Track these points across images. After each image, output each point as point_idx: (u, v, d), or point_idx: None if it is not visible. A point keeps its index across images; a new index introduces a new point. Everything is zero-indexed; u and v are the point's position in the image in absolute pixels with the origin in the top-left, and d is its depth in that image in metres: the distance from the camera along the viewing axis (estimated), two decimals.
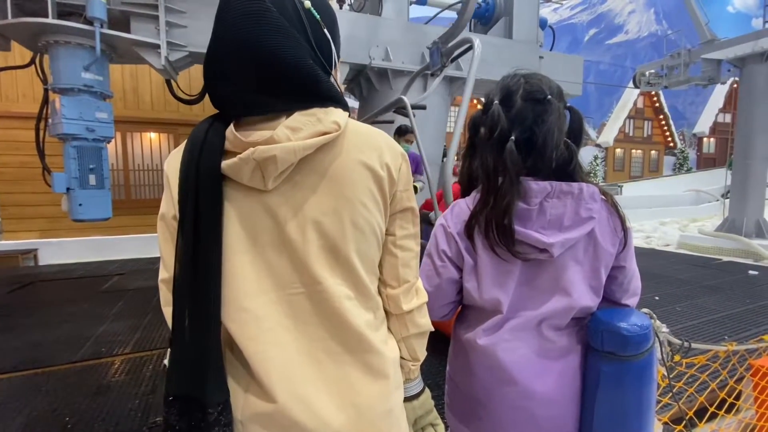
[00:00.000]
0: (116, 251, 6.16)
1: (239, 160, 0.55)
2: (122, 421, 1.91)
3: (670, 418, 1.28)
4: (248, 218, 0.58)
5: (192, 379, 0.56)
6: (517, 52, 4.04)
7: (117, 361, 2.56)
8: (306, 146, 0.56)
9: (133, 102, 6.83)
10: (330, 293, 0.60)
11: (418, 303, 0.70)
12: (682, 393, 1.29)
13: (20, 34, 2.64)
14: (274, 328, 0.59)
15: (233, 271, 0.58)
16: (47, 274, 5.06)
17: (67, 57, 2.69)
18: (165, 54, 2.86)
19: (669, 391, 0.99)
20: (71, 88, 2.72)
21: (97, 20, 2.56)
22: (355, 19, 3.38)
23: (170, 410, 0.57)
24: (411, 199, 0.68)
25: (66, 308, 3.66)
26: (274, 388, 0.57)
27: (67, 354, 2.64)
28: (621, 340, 0.74)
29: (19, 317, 3.44)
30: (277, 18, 0.56)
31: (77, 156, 2.90)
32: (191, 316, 0.56)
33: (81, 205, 3.02)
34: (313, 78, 0.58)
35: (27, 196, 6.23)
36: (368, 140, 0.63)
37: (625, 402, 0.76)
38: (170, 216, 0.60)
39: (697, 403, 1.41)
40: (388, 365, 0.65)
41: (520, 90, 0.82)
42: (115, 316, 3.40)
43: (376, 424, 0.62)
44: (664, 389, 0.99)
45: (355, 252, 0.61)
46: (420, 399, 0.76)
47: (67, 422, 1.90)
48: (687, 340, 0.91)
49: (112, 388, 2.22)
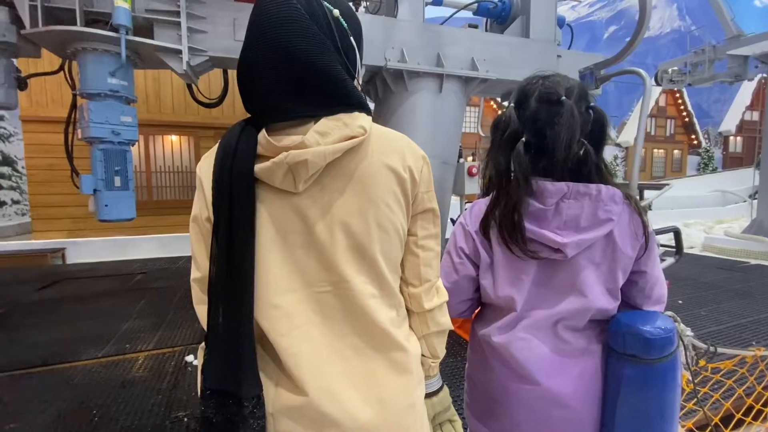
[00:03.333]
0: (139, 251, 6.34)
1: (272, 164, 0.57)
2: (146, 415, 1.97)
3: (695, 425, 1.25)
4: (279, 219, 0.61)
5: (228, 374, 0.58)
6: (534, 51, 3.99)
7: (140, 357, 2.64)
8: (335, 150, 0.58)
9: (156, 106, 7.03)
10: (356, 291, 0.61)
11: (439, 302, 0.71)
12: (708, 399, 1.25)
13: (50, 42, 2.74)
14: (304, 324, 0.61)
15: (265, 270, 0.60)
16: (74, 273, 5.25)
17: (94, 63, 2.79)
18: (186, 59, 2.93)
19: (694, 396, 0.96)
20: (98, 93, 2.82)
21: (122, 27, 2.64)
22: (370, 21, 3.40)
23: (207, 404, 0.59)
24: (432, 200, 0.69)
25: (92, 305, 3.79)
26: (304, 382, 0.59)
27: (94, 350, 2.74)
28: (644, 342, 0.73)
29: (49, 314, 3.58)
30: (311, 25, 0.58)
31: (103, 158, 3.00)
32: (225, 314, 0.58)
33: (107, 206, 3.12)
34: (342, 84, 0.60)
35: (55, 197, 6.48)
36: (391, 144, 0.65)
37: (647, 406, 0.75)
38: (203, 218, 0.63)
39: (722, 410, 1.37)
40: (411, 361, 0.66)
41: (536, 92, 0.82)
42: (138, 314, 3.51)
43: (400, 418, 0.64)
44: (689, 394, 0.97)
45: (380, 252, 0.63)
46: (439, 396, 0.77)
47: (94, 415, 1.97)
48: (713, 345, 0.89)
49: (136, 383, 2.29)
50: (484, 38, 3.85)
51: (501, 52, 3.81)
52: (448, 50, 3.61)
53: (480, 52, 3.71)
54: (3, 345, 2.85)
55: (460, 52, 3.64)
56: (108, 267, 5.57)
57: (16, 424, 1.90)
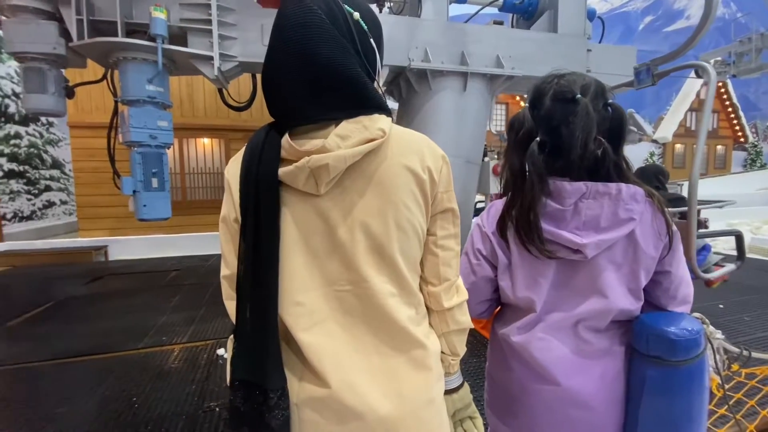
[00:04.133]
0: (174, 248, 6.65)
1: (295, 168, 0.59)
2: (181, 404, 2.08)
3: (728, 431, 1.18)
4: (302, 220, 0.63)
5: (254, 366, 0.62)
6: (562, 46, 3.88)
7: (176, 349, 2.79)
8: (355, 153, 0.60)
9: (189, 110, 7.34)
10: (375, 290, 0.63)
11: (459, 300, 0.72)
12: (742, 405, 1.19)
13: (94, 53, 2.93)
14: (326, 320, 0.64)
15: (289, 269, 0.63)
16: (115, 269, 5.57)
17: (133, 71, 2.96)
18: (217, 65, 3.05)
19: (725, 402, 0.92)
20: (137, 100, 2.99)
21: (159, 37, 2.79)
22: (394, 22, 3.42)
23: (236, 394, 0.63)
24: (452, 200, 0.70)
25: (132, 300, 4.02)
26: (326, 375, 0.61)
27: (133, 341, 2.91)
28: (668, 344, 0.71)
29: (93, 307, 3.83)
30: (331, 29, 0.60)
31: (142, 161, 3.17)
32: (252, 310, 0.62)
33: (145, 206, 3.30)
34: (363, 86, 0.62)
35: (99, 198, 6.89)
36: (411, 145, 0.66)
37: (672, 410, 0.73)
38: (231, 218, 0.66)
39: (758, 418, 1.29)
40: (430, 358, 0.68)
41: (551, 91, 0.82)
42: (173, 309, 3.69)
43: (419, 412, 0.65)
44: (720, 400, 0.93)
45: (399, 251, 0.64)
46: (460, 393, 0.78)
47: (134, 402, 2.10)
48: (747, 349, 0.85)
49: (172, 374, 2.42)
50: (510, 35, 3.78)
51: (527, 48, 3.74)
52: (473, 48, 3.57)
53: (505, 49, 3.65)
54: (55, 335, 3.08)
55: (485, 49, 3.60)
56: (146, 264, 5.87)
57: (66, 408, 2.06)
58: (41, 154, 10.87)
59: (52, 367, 2.53)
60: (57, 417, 1.98)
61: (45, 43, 2.77)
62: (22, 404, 2.11)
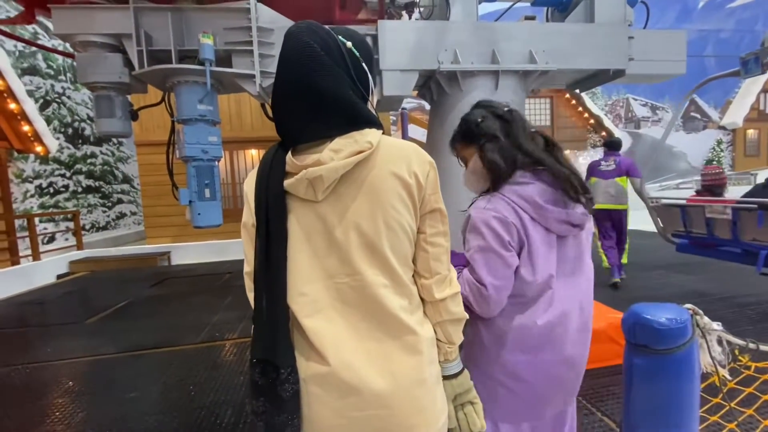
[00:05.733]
0: (227, 253, 7.14)
1: (296, 180, 0.71)
2: (231, 392, 2.29)
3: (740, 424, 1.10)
4: (304, 223, 0.74)
5: (268, 346, 0.73)
6: (600, 36, 3.73)
7: (227, 344, 3.04)
8: (345, 164, 0.70)
9: (238, 125, 7.86)
10: (368, 282, 0.73)
11: (451, 292, 0.79)
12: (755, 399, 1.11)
13: (153, 78, 3.29)
14: (326, 308, 0.74)
15: (294, 264, 0.74)
16: (177, 272, 6.10)
17: (186, 93, 3.28)
18: (259, 81, 3.30)
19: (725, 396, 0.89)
20: (190, 118, 3.31)
21: (207, 61, 3.08)
22: (422, 27, 3.49)
23: (254, 370, 0.74)
24: (439, 201, 0.78)
25: (190, 300, 4.40)
26: (327, 355, 0.71)
27: (191, 336, 3.21)
28: (654, 333, 0.73)
29: (158, 306, 4.24)
30: (326, 60, 0.71)
31: (196, 174, 3.49)
32: (267, 299, 0.73)
33: (200, 215, 3.62)
34: (353, 108, 0.73)
35: (163, 209, 7.58)
36: (399, 153, 0.75)
37: (660, 396, 0.74)
38: (250, 224, 0.77)
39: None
40: (421, 343, 0.75)
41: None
42: (226, 307, 4.00)
43: (411, 390, 0.73)
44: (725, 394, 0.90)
45: (389, 248, 0.73)
46: (459, 378, 0.83)
47: (191, 390, 2.34)
48: (753, 341, 0.83)
49: (224, 366, 2.66)
50: (542, 29, 3.71)
51: (561, 41, 3.64)
52: (504, 46, 3.54)
53: (538, 43, 3.59)
54: (127, 330, 3.47)
55: (517, 46, 3.56)
56: (203, 267, 6.37)
57: (135, 394, 2.34)
58: (113, 171, 12.12)
59: (122, 359, 2.87)
60: (126, 402, 2.25)
61: (112, 72, 3.16)
62: (97, 391, 2.42)
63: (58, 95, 10.60)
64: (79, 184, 10.76)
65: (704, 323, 0.77)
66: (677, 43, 4.14)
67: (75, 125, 10.96)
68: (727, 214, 3.08)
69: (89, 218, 10.94)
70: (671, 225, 3.86)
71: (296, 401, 0.72)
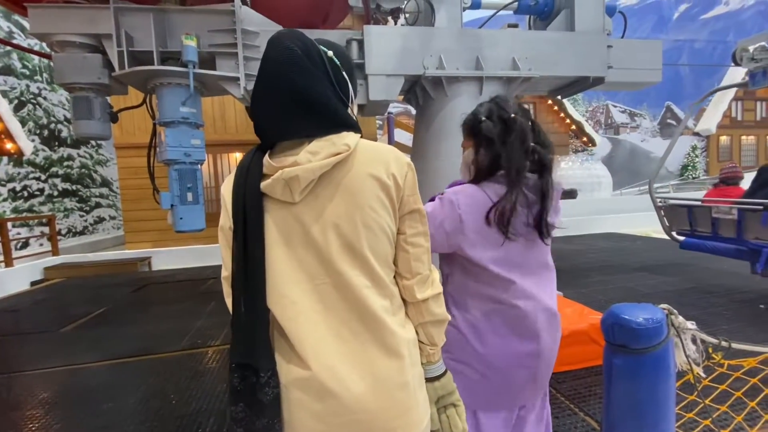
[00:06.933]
0: (210, 258, 7.01)
1: (272, 180, 0.70)
2: (213, 401, 2.24)
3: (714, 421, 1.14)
4: (282, 225, 0.73)
5: (247, 350, 0.72)
6: (580, 44, 3.84)
7: (210, 351, 2.98)
8: (322, 165, 0.70)
9: (221, 127, 7.76)
10: (351, 283, 0.72)
11: (433, 293, 0.79)
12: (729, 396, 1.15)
13: (134, 80, 3.22)
14: (307, 311, 0.73)
15: (273, 267, 0.73)
16: (158, 278, 5.95)
17: (169, 95, 3.23)
18: (243, 84, 3.27)
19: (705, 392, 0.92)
20: (172, 121, 3.25)
21: (190, 63, 3.03)
22: (408, 33, 3.53)
23: (233, 375, 0.73)
24: (417, 202, 0.79)
25: (172, 306, 4.30)
26: (308, 359, 0.70)
27: (172, 344, 3.14)
28: (631, 333, 0.75)
29: (138, 313, 4.13)
30: (306, 63, 0.72)
31: (178, 177, 3.43)
32: (245, 303, 0.72)
33: (182, 219, 3.55)
34: (333, 110, 0.73)
35: (144, 213, 7.40)
36: (377, 155, 0.76)
37: (638, 394, 0.76)
38: (227, 227, 0.76)
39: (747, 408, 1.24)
40: (403, 344, 0.75)
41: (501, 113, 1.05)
42: (208, 314, 3.92)
43: (393, 393, 0.73)
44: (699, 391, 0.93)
45: (368, 248, 0.73)
46: (441, 381, 0.83)
47: (171, 398, 2.28)
48: (726, 339, 0.86)
49: (206, 373, 2.60)
50: (525, 36, 3.79)
51: (544, 48, 3.73)
52: (488, 52, 3.61)
53: (521, 50, 3.66)
54: (104, 339, 3.36)
55: (500, 53, 3.63)
56: (185, 273, 6.24)
57: (113, 403, 2.26)
58: (92, 174, 11.79)
59: (100, 368, 2.78)
60: (103, 413, 2.18)
61: (90, 73, 3.08)
62: (73, 402, 2.34)
63: (34, 96, 10.28)
64: (55, 188, 10.43)
65: (679, 323, 0.80)
66: (654, 52, 4.29)
67: (51, 127, 10.64)
68: (733, 214, 3.27)
69: (65, 223, 10.61)
70: (676, 224, 4.09)
71: (277, 405, 0.71)
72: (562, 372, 2.32)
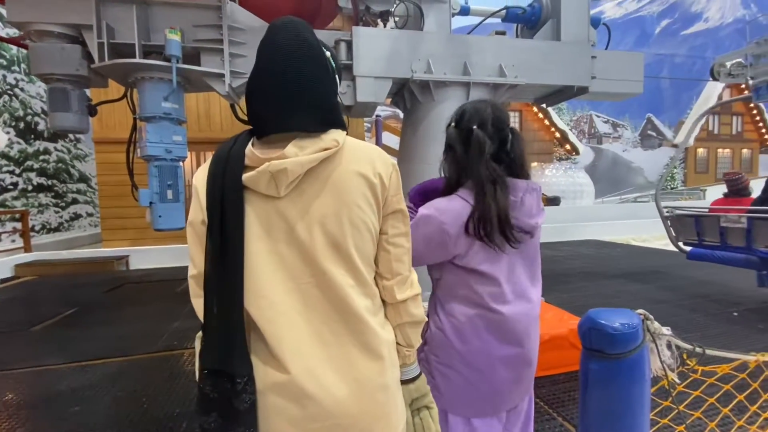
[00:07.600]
0: None
1: (257, 173, 0.67)
2: (188, 404, 2.17)
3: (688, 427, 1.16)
4: (265, 221, 0.70)
5: (222, 356, 0.67)
6: (565, 54, 3.91)
7: (186, 354, 2.89)
8: (311, 160, 0.68)
9: (206, 124, 7.62)
10: (335, 282, 0.70)
11: (412, 294, 0.78)
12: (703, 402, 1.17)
13: (115, 73, 3.13)
14: (288, 312, 0.69)
15: (253, 265, 0.69)
16: (135, 277, 5.79)
17: (150, 90, 3.14)
18: (228, 81, 3.21)
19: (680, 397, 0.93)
20: (154, 116, 3.17)
21: (173, 57, 2.96)
22: (397, 36, 3.53)
23: (205, 382, 0.68)
24: (400, 202, 0.77)
25: (148, 306, 4.18)
26: (287, 362, 0.67)
27: (148, 345, 3.04)
28: (608, 338, 0.75)
29: (113, 313, 4.00)
30: (318, 56, 0.72)
31: (158, 174, 3.34)
32: (219, 303, 0.68)
33: (161, 217, 3.45)
34: (332, 107, 0.73)
35: (122, 210, 7.19)
36: (364, 154, 0.74)
37: (613, 399, 0.76)
38: (198, 221, 0.71)
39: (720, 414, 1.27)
40: (383, 346, 0.73)
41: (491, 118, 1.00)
42: (186, 315, 3.82)
43: (374, 396, 0.71)
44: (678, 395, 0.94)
45: (354, 247, 0.71)
46: (416, 383, 0.82)
47: (143, 402, 2.20)
48: (700, 346, 0.87)
49: (182, 375, 2.52)
50: (512, 44, 3.84)
51: (530, 56, 3.78)
52: (475, 58, 3.64)
53: (508, 58, 3.71)
54: (75, 339, 3.24)
55: (487, 59, 3.67)
56: (163, 272, 6.08)
57: (80, 407, 2.17)
58: (69, 169, 11.41)
59: (70, 370, 2.67)
60: (69, 416, 2.09)
61: (69, 64, 2.98)
62: (39, 404, 2.24)
63: (11, 87, 9.92)
64: (29, 182, 10.06)
65: (655, 328, 0.80)
66: (636, 64, 4.40)
67: (27, 119, 10.28)
68: (742, 223, 3.28)
69: (39, 219, 10.23)
70: (683, 234, 4.08)
71: (254, 413, 0.68)
72: (541, 377, 2.33)
